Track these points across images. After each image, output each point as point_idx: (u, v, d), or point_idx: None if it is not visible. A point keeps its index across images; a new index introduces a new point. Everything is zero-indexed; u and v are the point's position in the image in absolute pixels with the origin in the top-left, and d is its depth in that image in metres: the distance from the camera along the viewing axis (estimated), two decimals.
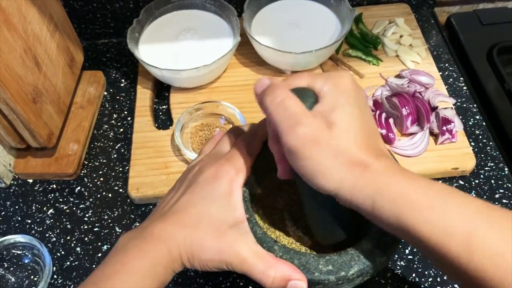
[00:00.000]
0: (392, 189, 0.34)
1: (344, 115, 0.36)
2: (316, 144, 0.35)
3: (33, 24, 0.59)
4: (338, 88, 0.37)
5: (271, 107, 0.36)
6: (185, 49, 0.72)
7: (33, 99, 0.57)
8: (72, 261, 0.59)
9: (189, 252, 0.39)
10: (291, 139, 0.35)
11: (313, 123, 0.35)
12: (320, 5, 0.76)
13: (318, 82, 0.38)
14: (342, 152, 0.35)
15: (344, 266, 0.39)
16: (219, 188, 0.41)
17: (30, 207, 0.64)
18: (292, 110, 0.35)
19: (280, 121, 0.36)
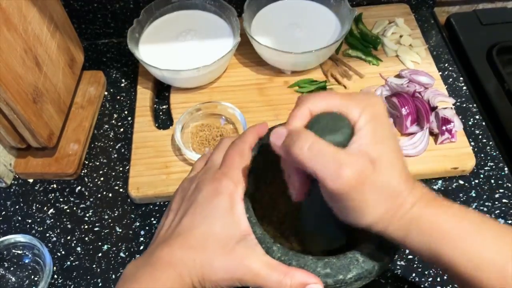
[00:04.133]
0: (425, 219, 0.34)
1: (385, 149, 0.35)
2: (363, 184, 0.33)
3: (33, 24, 0.59)
4: (377, 120, 0.35)
5: (302, 156, 0.33)
6: (185, 49, 0.72)
7: (33, 99, 0.57)
8: (73, 261, 0.59)
9: (199, 274, 0.38)
10: (336, 184, 0.33)
11: (357, 163, 0.33)
12: (320, 5, 0.76)
13: (354, 111, 0.35)
14: (385, 188, 0.34)
15: (343, 269, 0.38)
16: (221, 205, 0.39)
17: (30, 207, 0.64)
18: (328, 151, 0.33)
19: (319, 167, 0.33)
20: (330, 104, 0.36)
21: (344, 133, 0.35)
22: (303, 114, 0.36)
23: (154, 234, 0.43)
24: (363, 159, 0.33)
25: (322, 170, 0.33)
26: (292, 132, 0.35)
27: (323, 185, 0.33)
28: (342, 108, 0.35)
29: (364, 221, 0.35)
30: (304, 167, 0.34)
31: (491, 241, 0.33)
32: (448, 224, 0.34)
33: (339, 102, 0.36)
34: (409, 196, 0.35)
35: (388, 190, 0.34)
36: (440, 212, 0.34)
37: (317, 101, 0.36)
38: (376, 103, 0.36)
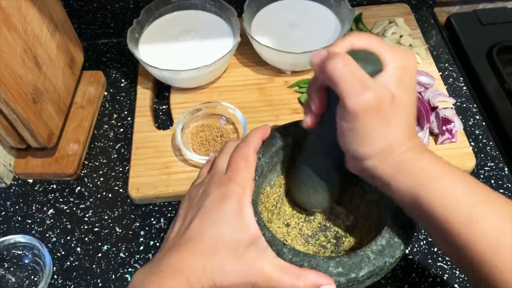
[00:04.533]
0: (415, 163, 0.37)
1: (406, 93, 0.37)
2: (377, 113, 0.36)
3: (33, 24, 0.59)
4: (406, 69, 0.38)
5: (335, 71, 0.36)
6: (185, 50, 0.72)
7: (33, 99, 0.57)
8: (72, 261, 0.59)
9: (210, 280, 0.37)
10: (356, 102, 0.35)
11: (380, 91, 0.36)
12: (320, 5, 0.76)
13: (389, 55, 0.38)
14: (393, 125, 0.37)
15: (354, 268, 0.39)
16: (229, 209, 0.40)
17: (30, 207, 0.64)
18: (359, 74, 0.36)
19: (346, 83, 0.35)
20: (371, 44, 0.38)
21: (374, 68, 0.37)
22: (345, 45, 0.38)
23: (163, 241, 0.43)
24: (386, 91, 0.36)
25: (348, 87, 0.35)
26: (334, 52, 0.37)
27: (344, 102, 0.36)
28: (379, 50, 0.38)
29: (363, 150, 0.38)
30: (334, 82, 0.36)
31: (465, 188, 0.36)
32: (434, 170, 0.37)
33: (378, 45, 0.38)
34: (407, 142, 0.38)
35: (394, 128, 0.37)
36: (429, 160, 0.38)
37: (360, 37, 0.39)
38: (410, 57, 0.39)
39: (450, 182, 0.36)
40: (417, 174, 0.37)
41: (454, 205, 0.35)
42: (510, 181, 0.64)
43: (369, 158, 0.38)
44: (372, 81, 0.36)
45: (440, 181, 0.36)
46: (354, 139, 0.38)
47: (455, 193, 0.36)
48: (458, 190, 0.36)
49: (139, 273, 0.39)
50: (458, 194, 0.36)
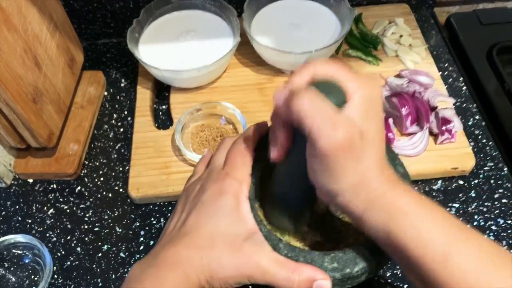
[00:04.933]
0: (387, 198, 0.36)
1: (374, 126, 0.36)
2: (348, 151, 0.34)
3: (33, 24, 0.59)
4: (372, 99, 0.36)
5: (302, 110, 0.34)
6: (185, 50, 0.72)
7: (33, 99, 0.57)
8: (73, 261, 0.59)
9: (207, 273, 0.37)
10: (327, 143, 0.34)
11: (350, 129, 0.34)
12: (320, 5, 0.76)
13: (352, 84, 0.36)
14: (364, 161, 0.35)
15: (349, 263, 0.39)
16: (226, 204, 0.40)
17: (30, 207, 0.64)
18: (327, 112, 0.34)
19: (314, 124, 0.34)
20: (333, 72, 0.36)
21: (337, 100, 0.36)
22: (306, 73, 0.37)
23: (159, 237, 0.43)
24: (355, 127, 0.35)
25: (317, 128, 0.33)
26: (296, 89, 0.35)
27: (314, 142, 0.34)
28: (342, 79, 0.36)
29: (335, 186, 0.36)
30: (301, 122, 0.34)
31: (439, 226, 0.35)
32: (406, 205, 0.36)
33: (341, 73, 0.36)
34: (379, 176, 0.36)
35: (364, 164, 0.36)
36: (401, 194, 0.36)
37: (322, 66, 0.37)
38: (373, 85, 0.37)
39: (424, 219, 0.35)
40: (389, 210, 0.36)
41: (429, 244, 0.34)
42: (510, 180, 0.64)
43: (340, 194, 0.37)
44: (340, 117, 0.34)
45: (414, 218, 0.35)
46: (324, 176, 0.36)
47: (430, 231, 0.35)
48: (433, 228, 0.35)
49: (136, 267, 0.39)
50: (433, 233, 0.35)
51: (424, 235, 0.35)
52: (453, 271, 0.34)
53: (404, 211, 0.35)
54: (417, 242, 0.34)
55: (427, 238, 0.34)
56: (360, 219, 0.37)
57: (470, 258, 0.34)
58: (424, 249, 0.34)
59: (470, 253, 0.34)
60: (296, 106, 0.34)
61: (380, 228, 0.36)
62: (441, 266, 0.34)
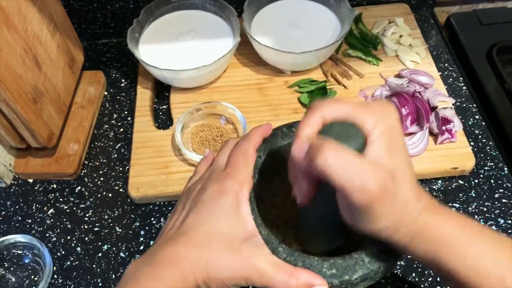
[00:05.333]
0: (429, 228, 0.35)
1: (399, 161, 0.35)
2: (384, 197, 0.33)
3: (33, 24, 0.59)
4: (391, 132, 0.35)
5: (327, 167, 0.32)
6: (185, 49, 0.72)
7: (33, 99, 0.57)
8: (73, 261, 0.59)
9: (204, 273, 0.37)
10: (360, 197, 0.33)
11: (380, 176, 0.33)
12: (320, 5, 0.76)
13: (368, 122, 0.34)
14: (400, 199, 0.35)
15: (348, 270, 0.38)
16: (226, 204, 0.39)
17: (30, 207, 0.64)
18: (354, 164, 0.32)
19: (344, 180, 0.32)
20: (343, 113, 0.35)
21: (358, 143, 0.34)
22: (316, 121, 0.36)
23: (158, 234, 0.43)
24: (384, 172, 0.33)
25: (349, 183, 0.32)
26: (315, 143, 0.34)
27: (347, 197, 0.33)
28: (355, 118, 0.35)
29: (374, 227, 0.36)
30: (329, 179, 0.33)
31: (491, 251, 0.35)
32: (451, 232, 0.35)
33: (353, 111, 0.35)
34: (416, 205, 0.35)
35: (401, 201, 0.35)
36: (443, 221, 0.35)
37: (330, 109, 0.36)
38: (390, 114, 0.36)
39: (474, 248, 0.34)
40: (435, 241, 0.35)
41: (484, 274, 0.34)
42: (510, 180, 0.64)
43: (380, 231, 0.36)
44: (367, 167, 0.33)
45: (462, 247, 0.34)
46: (361, 221, 0.36)
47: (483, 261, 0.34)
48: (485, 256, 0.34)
49: (133, 265, 0.39)
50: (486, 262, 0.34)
51: (477, 265, 0.34)
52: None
53: (450, 240, 0.35)
54: (472, 273, 0.34)
55: (481, 268, 0.34)
56: (406, 250, 0.37)
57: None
58: (480, 280, 0.34)
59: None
60: (319, 165, 0.33)
61: (429, 259, 0.36)
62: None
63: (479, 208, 0.62)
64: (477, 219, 0.61)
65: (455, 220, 0.36)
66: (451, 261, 0.34)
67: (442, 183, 0.64)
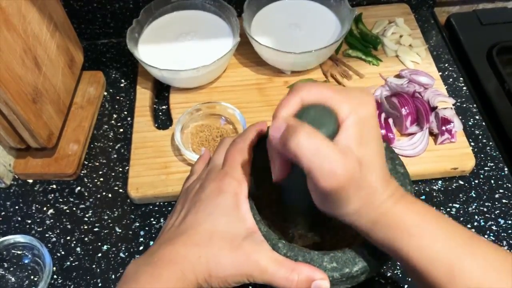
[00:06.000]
0: (391, 215, 0.36)
1: (370, 151, 0.36)
2: (349, 184, 0.34)
3: (33, 24, 0.59)
4: (365, 122, 0.36)
5: (300, 150, 0.33)
6: (185, 50, 0.72)
7: (33, 99, 0.57)
8: (72, 261, 0.59)
9: (205, 271, 0.37)
10: (327, 183, 0.33)
11: (348, 164, 0.34)
12: (320, 5, 0.76)
13: (344, 108, 0.35)
14: (365, 186, 0.35)
15: (348, 263, 0.39)
16: (225, 202, 0.40)
17: (30, 207, 0.64)
18: (325, 150, 0.33)
19: (314, 164, 0.33)
20: (321, 97, 0.36)
21: (331, 130, 0.35)
22: (294, 103, 0.37)
23: (158, 234, 0.43)
24: (353, 160, 0.34)
25: (317, 167, 0.33)
26: (290, 125, 0.35)
27: (314, 181, 0.34)
28: (333, 102, 0.36)
29: (339, 212, 0.37)
30: (300, 161, 0.34)
31: (445, 240, 0.35)
32: (410, 221, 0.36)
33: (330, 97, 0.36)
34: (383, 193, 0.36)
35: (367, 189, 0.36)
36: (405, 209, 0.36)
37: (309, 93, 0.36)
38: (367, 103, 0.36)
39: (428, 235, 0.35)
40: (394, 228, 0.36)
41: (434, 260, 0.35)
42: (510, 181, 0.64)
43: (346, 216, 0.37)
44: (338, 152, 0.34)
45: (418, 235, 0.35)
46: (328, 205, 0.37)
47: (435, 247, 0.35)
48: (438, 243, 0.35)
49: (133, 264, 0.39)
50: (438, 248, 0.35)
51: (430, 252, 0.35)
52: (459, 285, 0.34)
53: (408, 229, 0.35)
54: (424, 260, 0.35)
55: (433, 256, 0.35)
56: (367, 235, 0.38)
57: (476, 270, 0.34)
58: (431, 266, 0.35)
59: (475, 265, 0.34)
60: (292, 146, 0.34)
61: (387, 245, 0.37)
62: (448, 282, 0.34)
63: (479, 208, 0.62)
64: (477, 220, 0.61)
65: (416, 209, 0.36)
66: (406, 248, 0.35)
67: (442, 184, 0.64)
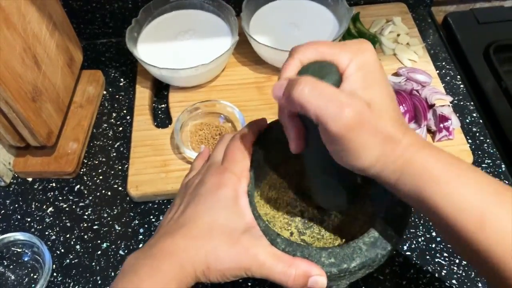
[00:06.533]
0: (416, 163, 0.35)
1: (377, 93, 0.35)
2: (361, 126, 0.33)
3: (32, 23, 0.59)
4: (366, 67, 0.35)
5: (303, 98, 0.33)
6: (184, 49, 0.72)
7: (32, 98, 0.58)
8: (72, 258, 0.59)
9: (204, 264, 0.37)
10: (336, 126, 0.33)
11: (355, 104, 0.33)
12: (318, 4, 0.77)
13: (343, 59, 0.35)
14: (380, 130, 0.35)
15: (346, 258, 0.39)
16: (225, 196, 0.40)
17: (29, 206, 0.64)
18: (328, 93, 0.33)
19: (320, 109, 0.33)
20: (319, 53, 0.36)
21: (334, 80, 0.35)
22: (295, 64, 0.37)
23: (157, 228, 0.43)
24: (360, 101, 0.34)
25: (324, 111, 0.33)
26: (292, 79, 0.35)
27: (324, 127, 0.33)
28: (331, 56, 0.36)
29: (361, 163, 0.36)
30: (306, 110, 0.33)
31: (474, 188, 0.34)
32: (437, 168, 0.35)
33: (328, 50, 0.36)
34: (402, 140, 0.35)
35: (383, 133, 0.35)
36: (430, 157, 0.35)
37: (306, 51, 0.37)
38: (366, 49, 0.36)
39: (457, 183, 0.34)
40: (420, 176, 0.35)
41: (464, 209, 0.33)
42: (507, 178, 0.65)
43: (369, 168, 0.36)
44: (344, 94, 0.33)
45: (446, 183, 0.34)
46: (347, 156, 0.35)
47: (464, 195, 0.34)
48: (467, 191, 0.34)
49: (131, 257, 0.39)
50: (467, 196, 0.34)
51: (458, 200, 0.34)
52: (489, 234, 0.33)
53: (435, 176, 0.34)
54: (452, 208, 0.34)
55: (462, 203, 0.34)
56: (395, 188, 0.36)
57: (506, 219, 0.33)
58: (460, 214, 0.34)
59: (506, 214, 0.33)
60: (296, 96, 0.33)
61: (413, 196, 0.35)
62: (478, 230, 0.33)
63: None
64: None
65: (442, 157, 0.35)
66: (434, 197, 0.34)
67: None
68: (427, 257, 0.58)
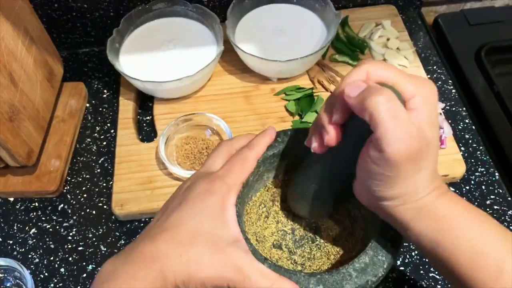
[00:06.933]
0: (435, 207, 0.35)
1: (436, 135, 0.35)
2: (415, 161, 0.33)
3: (7, 40, 0.57)
4: (430, 102, 0.35)
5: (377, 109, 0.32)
6: (168, 59, 0.70)
7: (9, 118, 0.55)
8: (56, 283, 0.58)
9: (185, 271, 0.36)
10: (397, 150, 0.32)
11: (423, 139, 0.33)
12: (305, 9, 0.75)
13: (409, 88, 0.34)
14: (422, 173, 0.34)
15: (336, 285, 0.38)
16: (212, 204, 0.39)
17: (11, 227, 0.62)
18: (403, 117, 0.32)
19: (389, 127, 0.32)
20: (388, 74, 0.35)
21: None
22: (361, 74, 0.36)
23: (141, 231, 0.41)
24: (423, 136, 0.33)
25: (392, 132, 0.32)
26: (373, 86, 0.34)
27: (382, 147, 0.32)
28: (398, 81, 0.35)
29: (388, 193, 0.35)
30: (374, 122, 0.32)
31: (492, 237, 0.34)
32: (455, 215, 0.35)
33: (397, 75, 0.35)
34: (431, 184, 0.35)
35: (423, 173, 0.34)
36: (452, 202, 0.36)
37: (377, 66, 0.36)
38: (433, 89, 0.36)
39: (476, 230, 0.34)
40: (438, 220, 0.35)
41: (481, 257, 0.33)
42: (501, 186, 0.63)
43: (389, 199, 0.36)
44: (415, 126, 0.33)
45: (466, 229, 0.34)
46: (382, 183, 0.35)
47: (483, 243, 0.34)
48: (486, 239, 0.34)
49: (109, 263, 0.37)
50: (486, 245, 0.34)
51: (477, 247, 0.34)
52: (506, 283, 0.33)
53: (455, 221, 0.35)
54: (469, 254, 0.34)
55: (480, 251, 0.34)
56: (407, 226, 0.36)
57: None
58: (477, 262, 0.34)
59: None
60: (372, 104, 0.32)
61: (428, 238, 0.35)
62: (494, 279, 0.33)
63: None
64: None
65: (461, 205, 0.36)
66: (450, 242, 0.34)
67: None
68: (421, 272, 0.57)
